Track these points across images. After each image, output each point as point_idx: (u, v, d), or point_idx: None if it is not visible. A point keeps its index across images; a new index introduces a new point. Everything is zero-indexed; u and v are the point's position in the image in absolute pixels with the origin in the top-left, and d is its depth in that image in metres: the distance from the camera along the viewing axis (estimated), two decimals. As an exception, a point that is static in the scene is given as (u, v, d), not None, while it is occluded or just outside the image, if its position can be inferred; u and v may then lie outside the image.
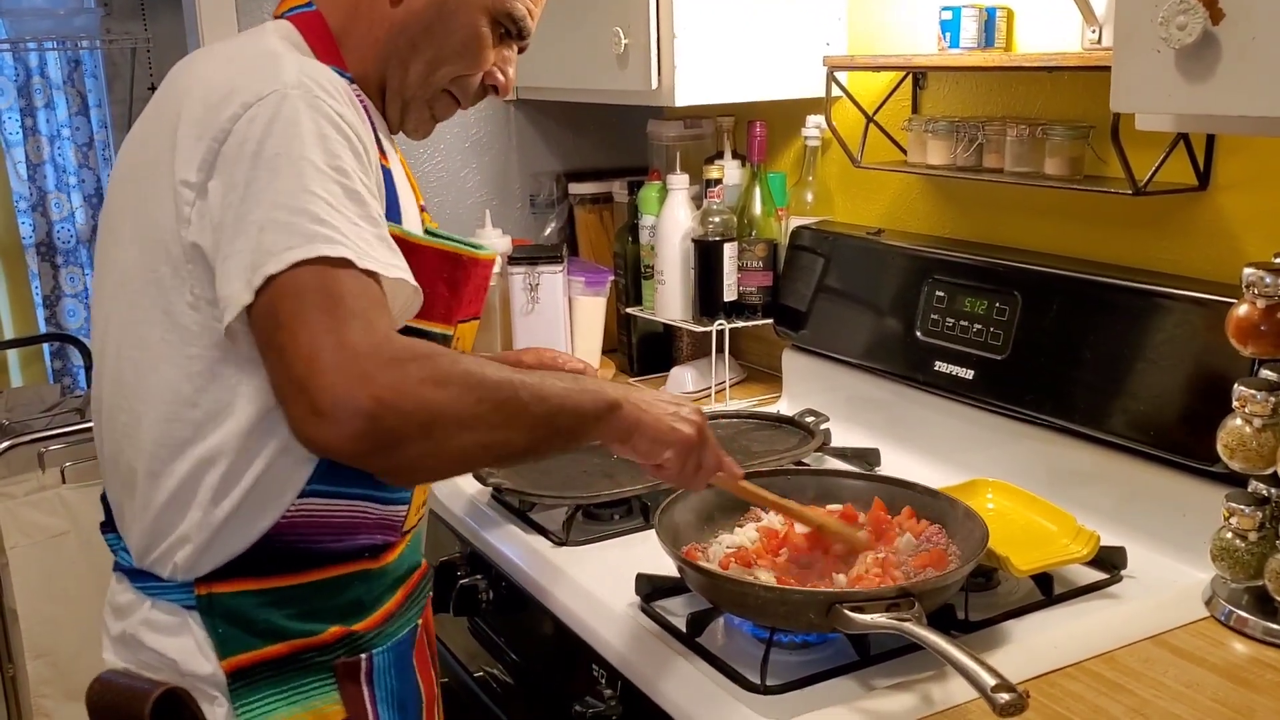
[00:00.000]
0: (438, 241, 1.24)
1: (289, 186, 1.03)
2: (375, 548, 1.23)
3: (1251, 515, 1.29)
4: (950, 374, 1.74)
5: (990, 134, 1.67)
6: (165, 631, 1.17)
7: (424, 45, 1.25)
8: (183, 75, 1.19)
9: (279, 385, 1.02)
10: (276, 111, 1.05)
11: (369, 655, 1.20)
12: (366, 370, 0.97)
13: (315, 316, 0.99)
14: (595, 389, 1.15)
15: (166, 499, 1.13)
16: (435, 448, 1.02)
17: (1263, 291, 1.24)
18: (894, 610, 1.16)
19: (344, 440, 0.97)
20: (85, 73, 3.72)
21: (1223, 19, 1.01)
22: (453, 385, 1.01)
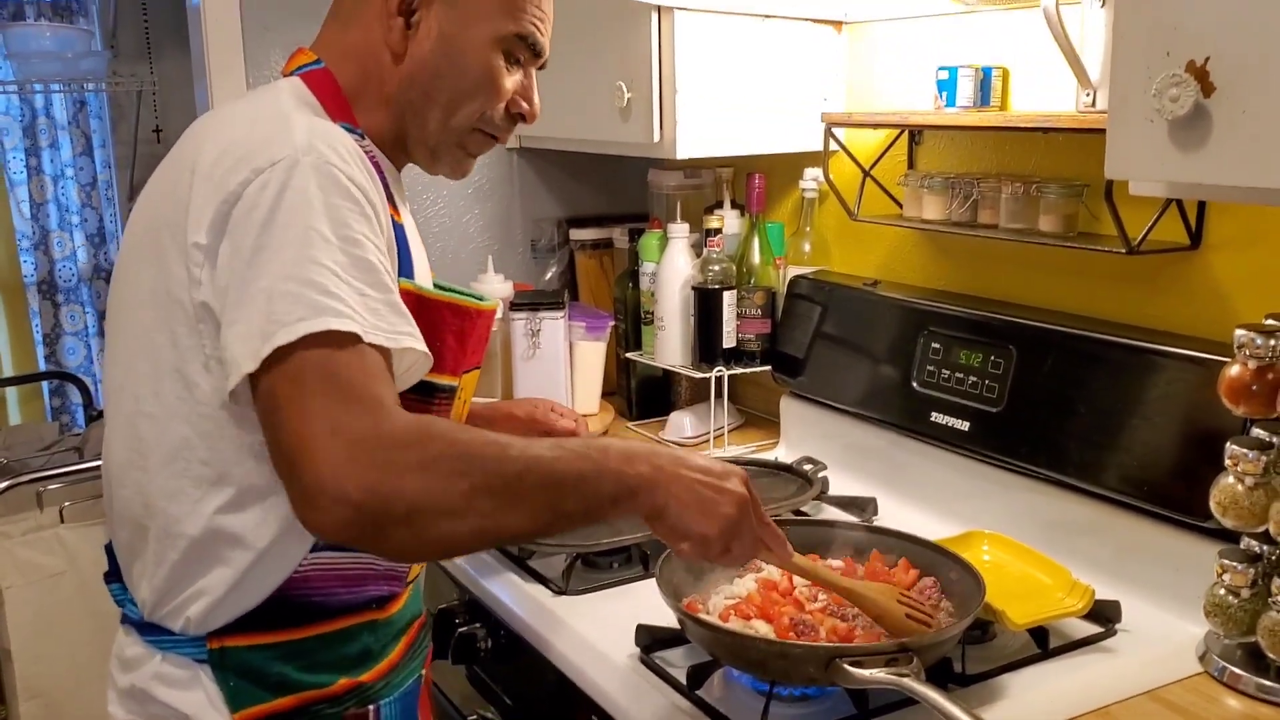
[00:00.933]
0: (447, 295, 1.26)
1: (297, 256, 1.03)
2: (382, 598, 1.24)
3: (1244, 572, 1.30)
4: (947, 425, 1.77)
5: (985, 190, 1.70)
6: (177, 685, 1.18)
7: (436, 92, 1.25)
8: (196, 135, 1.20)
9: (276, 465, 1.03)
10: (287, 179, 1.06)
11: (376, 706, 1.22)
12: (355, 459, 0.97)
13: (313, 402, 0.99)
14: (618, 470, 1.09)
15: (180, 557, 1.15)
16: (418, 535, 1.00)
17: (1254, 353, 1.27)
18: (893, 665, 1.17)
19: (332, 526, 0.98)
20: (90, 114, 3.75)
21: (1214, 92, 1.04)
22: (440, 471, 0.99)
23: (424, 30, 1.24)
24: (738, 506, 1.14)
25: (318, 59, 1.27)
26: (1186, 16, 1.05)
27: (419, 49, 1.24)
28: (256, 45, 2.25)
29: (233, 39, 2.24)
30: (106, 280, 3.93)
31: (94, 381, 3.86)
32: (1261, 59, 1.00)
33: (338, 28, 1.29)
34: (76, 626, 2.60)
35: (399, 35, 1.23)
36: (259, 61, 2.25)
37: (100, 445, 2.85)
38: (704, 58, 1.94)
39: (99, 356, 3.94)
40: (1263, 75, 1.00)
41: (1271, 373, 1.26)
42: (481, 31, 1.24)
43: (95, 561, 2.64)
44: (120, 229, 3.87)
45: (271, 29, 2.25)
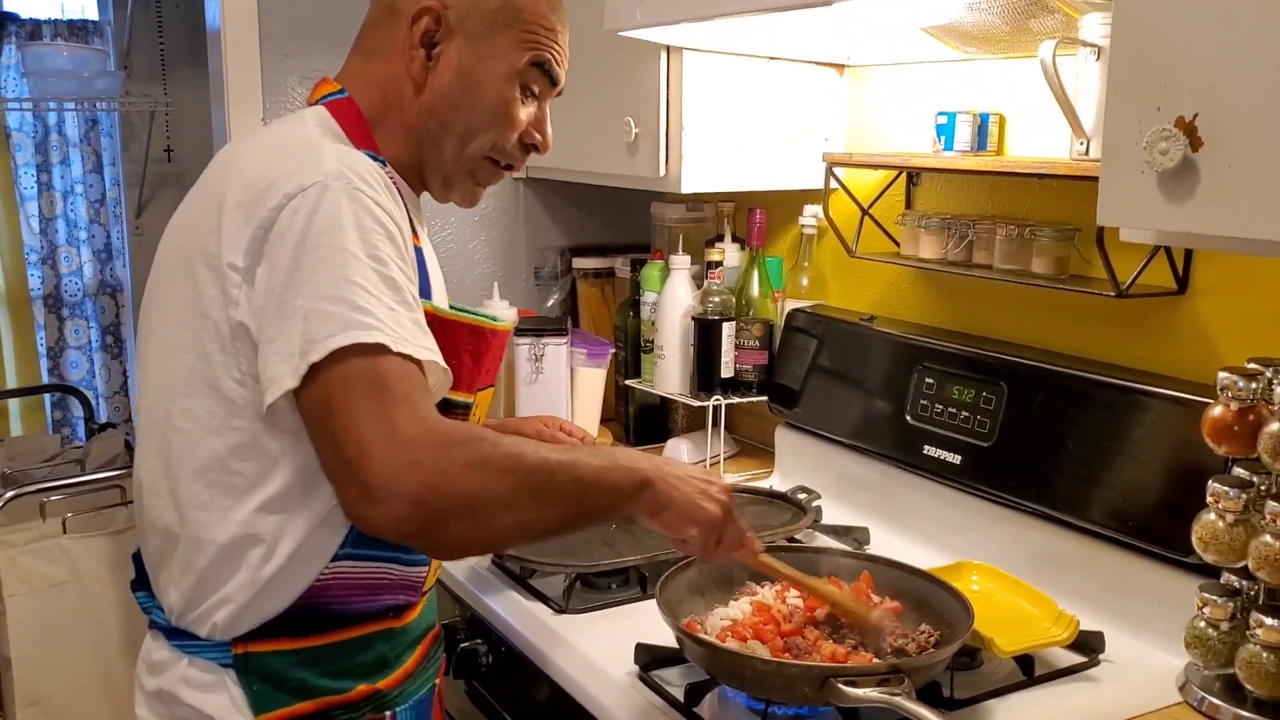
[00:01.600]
0: (464, 315, 1.31)
1: (331, 276, 1.09)
2: (399, 607, 1.29)
3: (1224, 605, 1.35)
4: (938, 458, 1.82)
5: (980, 232, 1.76)
6: (202, 689, 1.23)
7: (453, 122, 1.31)
8: (226, 164, 1.26)
9: (331, 469, 1.09)
10: (319, 203, 1.12)
11: (393, 713, 1.26)
12: (414, 457, 1.04)
13: (365, 404, 1.05)
14: (628, 466, 1.20)
15: (208, 564, 1.19)
16: (477, 528, 1.08)
17: (1236, 395, 1.32)
18: (885, 685, 1.22)
19: (394, 522, 1.04)
20: (101, 132, 3.81)
21: (1202, 147, 1.09)
22: (493, 469, 1.08)
23: (444, 63, 1.30)
24: (723, 506, 1.27)
25: (342, 89, 1.33)
26: (1176, 74, 1.11)
27: (439, 80, 1.30)
28: (274, 71, 2.30)
29: (251, 64, 2.29)
30: (111, 296, 3.98)
31: (95, 395, 3.90)
32: (1247, 116, 1.05)
33: (362, 59, 1.35)
34: (77, 636, 2.63)
35: (420, 66, 1.30)
36: (276, 86, 2.31)
37: (101, 458, 2.91)
38: (710, 96, 2.00)
39: (101, 371, 3.98)
40: (1248, 132, 1.06)
41: (1253, 414, 1.32)
42: (499, 66, 1.31)
43: (96, 572, 2.68)
44: (126, 246, 3.91)
45: (290, 55, 2.30)
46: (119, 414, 3.98)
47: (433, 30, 1.29)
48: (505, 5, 1.30)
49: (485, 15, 1.30)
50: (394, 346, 1.09)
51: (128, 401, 4.03)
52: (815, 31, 1.86)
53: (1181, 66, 1.10)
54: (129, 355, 4.02)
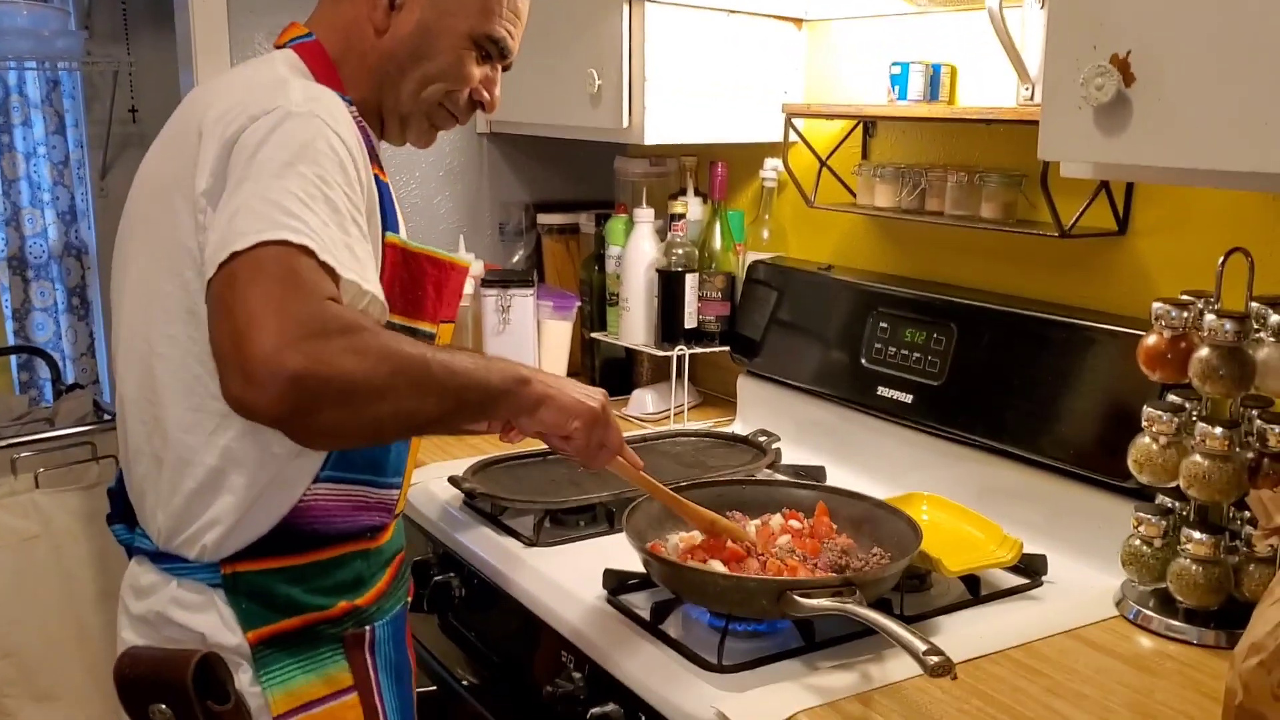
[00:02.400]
0: (428, 249, 1.36)
1: (273, 184, 1.12)
2: (374, 528, 1.35)
3: (1157, 524, 1.44)
4: (892, 399, 1.89)
5: (932, 180, 1.83)
6: (192, 608, 1.28)
7: (411, 68, 1.38)
8: (198, 101, 1.30)
9: (217, 343, 1.08)
10: (278, 124, 1.17)
11: (371, 628, 1.33)
12: (296, 337, 1.03)
13: (266, 286, 1.06)
14: (505, 366, 1.24)
15: (196, 486, 1.24)
16: (351, 415, 1.08)
17: (1169, 323, 1.40)
18: (838, 597, 1.29)
19: (267, 401, 1.03)
20: (64, 93, 3.80)
21: (1134, 82, 1.17)
22: (370, 357, 1.08)
23: (406, 12, 1.36)
24: (600, 404, 1.33)
25: (309, 32, 1.38)
26: (1111, 14, 1.18)
27: (400, 29, 1.36)
28: (241, 27, 2.33)
29: (218, 22, 2.32)
30: (77, 257, 3.98)
31: (62, 357, 3.91)
32: (1175, 53, 1.13)
33: (330, 4, 1.40)
34: (49, 589, 2.66)
35: (383, 14, 1.36)
36: (243, 43, 2.33)
37: (70, 417, 2.93)
38: (672, 48, 2.06)
39: (68, 333, 3.98)
40: (1176, 67, 1.13)
41: (1184, 341, 1.39)
42: (456, 24, 1.37)
43: (68, 526, 2.71)
44: (91, 208, 3.91)
45: (256, 12, 2.33)
46: (85, 375, 3.99)
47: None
48: None
49: None
50: (319, 253, 1.10)
51: (95, 363, 4.04)
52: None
53: (1116, 6, 1.17)
54: (95, 317, 4.02)
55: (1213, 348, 1.34)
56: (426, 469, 2.00)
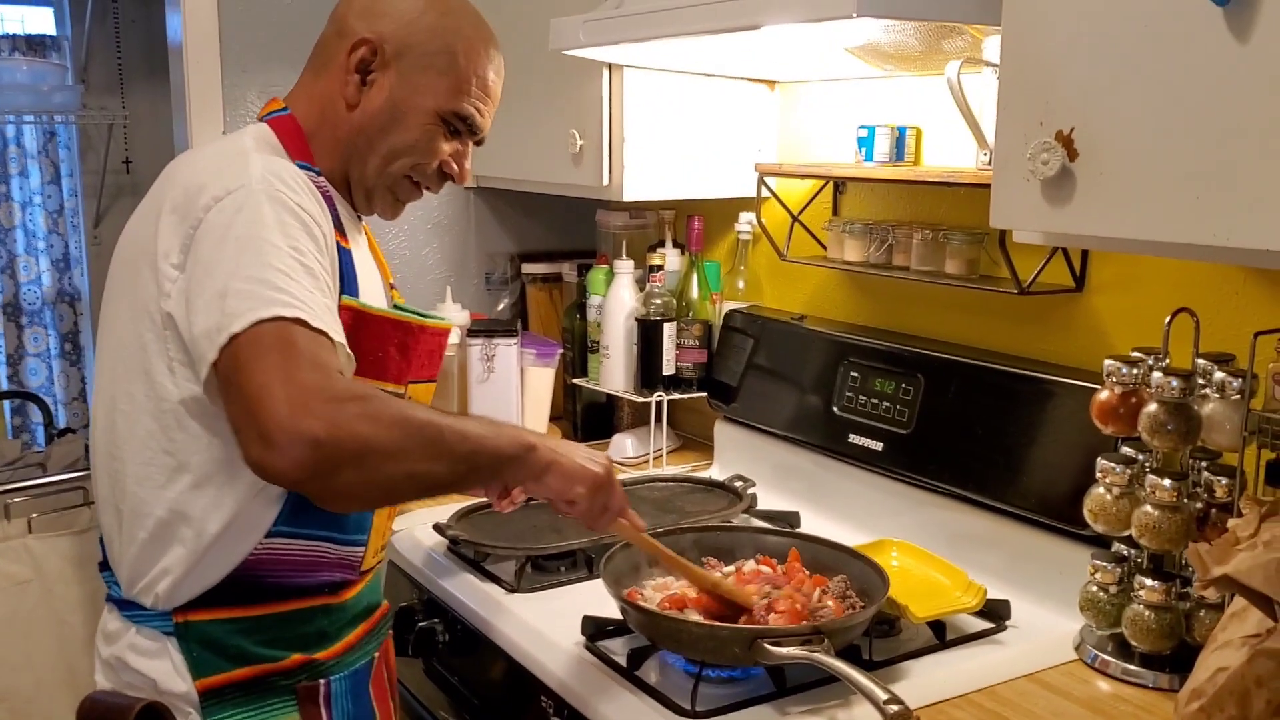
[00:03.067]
0: (390, 312, 1.42)
1: (252, 261, 1.19)
2: (335, 584, 1.40)
3: (1112, 571, 1.50)
4: (863, 446, 1.95)
5: (899, 236, 1.90)
6: (147, 655, 1.34)
7: (379, 142, 1.43)
8: (170, 173, 1.37)
9: (234, 417, 1.15)
10: (243, 203, 1.23)
11: (327, 681, 1.37)
12: (310, 405, 1.10)
13: (271, 359, 1.13)
14: (513, 433, 1.30)
15: (147, 536, 1.30)
16: (366, 476, 1.14)
17: (1120, 380, 1.47)
18: (807, 645, 1.35)
19: (287, 466, 1.10)
20: (59, 144, 3.88)
21: (1078, 157, 1.24)
22: (383, 422, 1.15)
23: (377, 89, 1.42)
24: (605, 469, 1.38)
25: (285, 107, 1.45)
26: (1056, 93, 1.25)
27: (370, 104, 1.42)
28: (234, 85, 2.40)
29: (212, 78, 2.39)
30: (70, 304, 4.04)
31: (54, 401, 3.96)
32: (1114, 131, 1.20)
33: (311, 74, 1.47)
34: (41, 633, 2.70)
35: (354, 89, 1.42)
36: (236, 100, 2.40)
37: (62, 462, 2.98)
38: (650, 110, 2.14)
39: (60, 378, 4.04)
40: (1116, 145, 1.20)
41: (1135, 397, 1.46)
42: (425, 101, 1.42)
43: (60, 570, 2.75)
44: (85, 256, 3.98)
45: (249, 71, 2.40)
46: (77, 420, 4.04)
47: (369, 60, 1.41)
48: (443, 51, 1.42)
49: (423, 55, 1.41)
50: (311, 321, 1.17)
51: (86, 408, 4.09)
52: (747, 51, 1.99)
53: (1061, 86, 1.25)
54: (87, 362, 4.08)
55: (1160, 403, 1.41)
56: (412, 515, 2.05)
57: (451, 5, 1.46)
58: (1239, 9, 1.07)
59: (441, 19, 1.43)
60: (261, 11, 2.40)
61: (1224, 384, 1.39)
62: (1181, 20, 1.12)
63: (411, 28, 1.41)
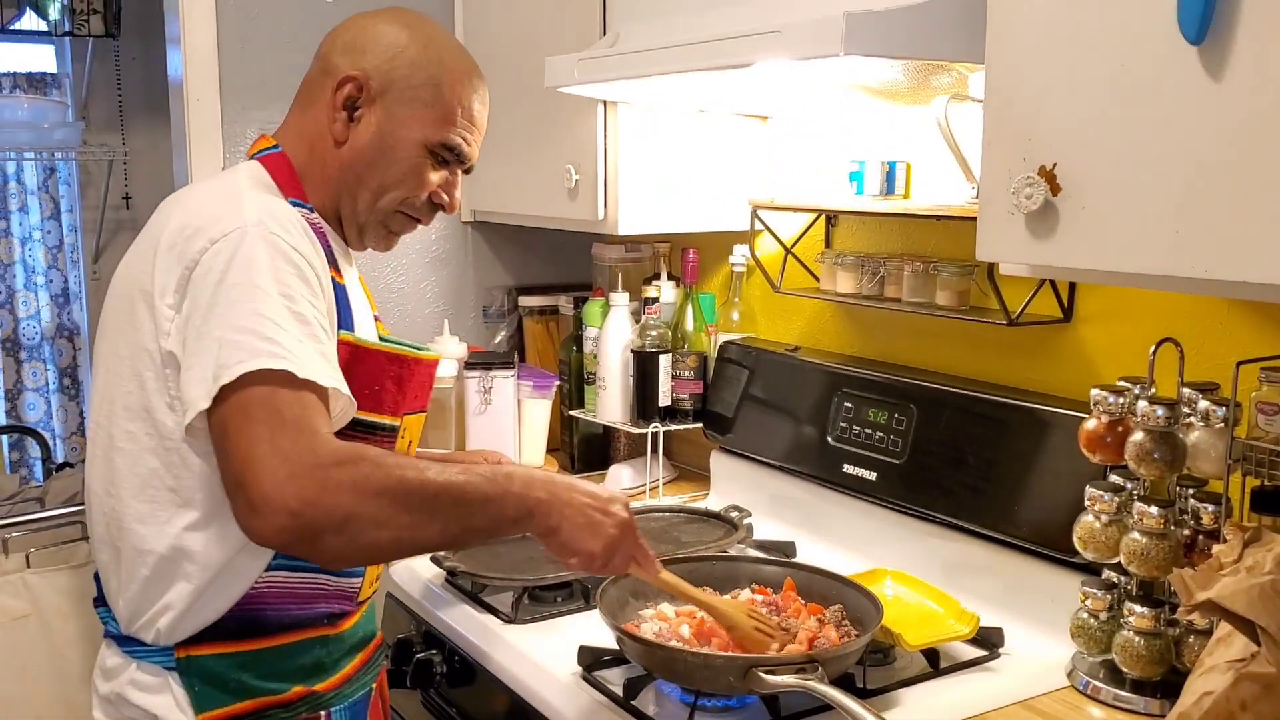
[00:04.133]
0: (385, 345, 1.44)
1: (244, 309, 1.22)
2: (333, 615, 1.41)
3: (1102, 598, 1.52)
4: (857, 475, 1.98)
5: (890, 268, 1.93)
6: (149, 690, 1.35)
7: (369, 178, 1.45)
8: (164, 213, 1.39)
9: (225, 483, 1.20)
10: (238, 247, 1.25)
11: (328, 713, 1.39)
12: (293, 473, 1.14)
13: (256, 428, 1.16)
14: (520, 494, 1.27)
15: (149, 574, 1.32)
16: (349, 542, 1.17)
17: (1106, 409, 1.49)
18: (801, 673, 1.37)
19: (272, 532, 1.15)
20: (59, 180, 3.92)
21: (1060, 192, 1.27)
22: (367, 489, 1.17)
23: (364, 125, 1.44)
24: (620, 528, 1.34)
25: (276, 144, 1.47)
26: (1038, 129, 1.28)
27: (358, 140, 1.44)
28: (234, 122, 2.43)
29: (212, 115, 2.42)
30: (69, 339, 4.06)
31: (53, 436, 3.97)
32: (1094, 167, 1.23)
33: (298, 111, 1.50)
34: (38, 667, 2.70)
35: (342, 126, 1.44)
36: (235, 136, 2.43)
37: (60, 496, 2.99)
38: (645, 145, 2.17)
39: (58, 412, 4.05)
40: (1097, 180, 1.23)
41: (1121, 426, 1.49)
42: (411, 134, 1.44)
43: (58, 605, 2.75)
44: (84, 290, 4.00)
45: (248, 107, 2.44)
46: (76, 454, 4.05)
47: (355, 96, 1.43)
48: (428, 83, 1.44)
49: (407, 89, 1.43)
50: (299, 373, 1.20)
51: (84, 442, 4.11)
52: (739, 87, 2.02)
53: (1043, 122, 1.28)
54: (85, 397, 4.10)
55: (1146, 432, 1.43)
56: (411, 548, 2.07)
57: (433, 37, 1.47)
58: (1213, 48, 1.10)
59: (424, 51, 1.44)
60: (261, 49, 2.44)
61: (1208, 413, 1.42)
62: (1157, 59, 1.15)
63: (395, 62, 1.43)
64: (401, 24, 1.46)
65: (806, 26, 1.42)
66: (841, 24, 1.36)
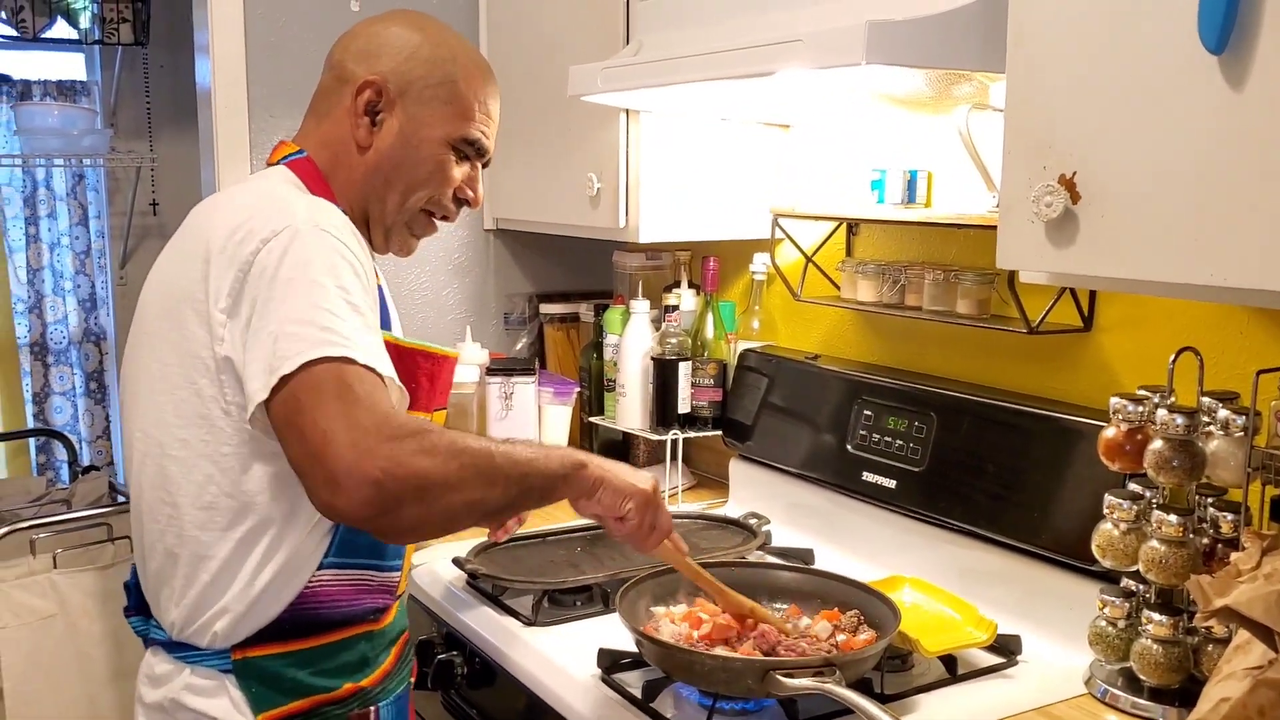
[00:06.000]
0: (421, 344, 1.46)
1: (302, 303, 1.23)
2: (378, 609, 1.44)
3: (1121, 606, 1.52)
4: (876, 484, 1.98)
5: (911, 277, 1.94)
6: (205, 694, 1.36)
7: (395, 179, 1.47)
8: (203, 217, 1.41)
9: (298, 460, 1.20)
10: (290, 243, 1.27)
11: (376, 708, 1.41)
12: (371, 446, 1.15)
13: (329, 402, 1.17)
14: (562, 453, 1.35)
15: (210, 578, 1.33)
16: (428, 509, 1.19)
17: (1126, 417, 1.50)
18: (819, 677, 1.37)
19: (354, 507, 1.15)
20: (88, 186, 3.97)
21: (1080, 200, 1.28)
22: (440, 455, 1.19)
23: (387, 128, 1.46)
24: (652, 485, 1.43)
25: (301, 149, 1.48)
26: (1058, 137, 1.29)
27: (382, 143, 1.46)
28: (261, 130, 2.46)
29: (240, 123, 2.45)
30: (96, 344, 4.10)
31: (79, 439, 4.01)
32: (1115, 175, 1.24)
33: (315, 121, 1.51)
34: (64, 667, 2.73)
35: (365, 131, 1.46)
36: (262, 144, 2.46)
37: (86, 499, 3.02)
38: (667, 154, 2.19)
39: (85, 416, 4.09)
40: (1117, 188, 1.24)
41: (1140, 434, 1.49)
42: (433, 132, 1.47)
43: (84, 606, 2.79)
44: (111, 296, 4.04)
45: (275, 115, 2.46)
46: (101, 458, 4.09)
47: (375, 101, 1.45)
48: (444, 81, 1.47)
49: (425, 88, 1.46)
50: (360, 359, 1.21)
51: (110, 445, 4.15)
52: (762, 96, 2.04)
53: (1063, 131, 1.29)
54: (112, 401, 4.14)
55: (1165, 440, 1.43)
56: (431, 550, 2.09)
57: (444, 37, 1.50)
58: (1233, 57, 1.11)
59: (437, 50, 1.47)
60: (288, 58, 2.46)
61: (1228, 421, 1.41)
62: (1177, 68, 1.16)
63: (410, 63, 1.46)
64: (412, 26, 1.49)
65: (828, 35, 1.44)
66: (863, 33, 1.38)
